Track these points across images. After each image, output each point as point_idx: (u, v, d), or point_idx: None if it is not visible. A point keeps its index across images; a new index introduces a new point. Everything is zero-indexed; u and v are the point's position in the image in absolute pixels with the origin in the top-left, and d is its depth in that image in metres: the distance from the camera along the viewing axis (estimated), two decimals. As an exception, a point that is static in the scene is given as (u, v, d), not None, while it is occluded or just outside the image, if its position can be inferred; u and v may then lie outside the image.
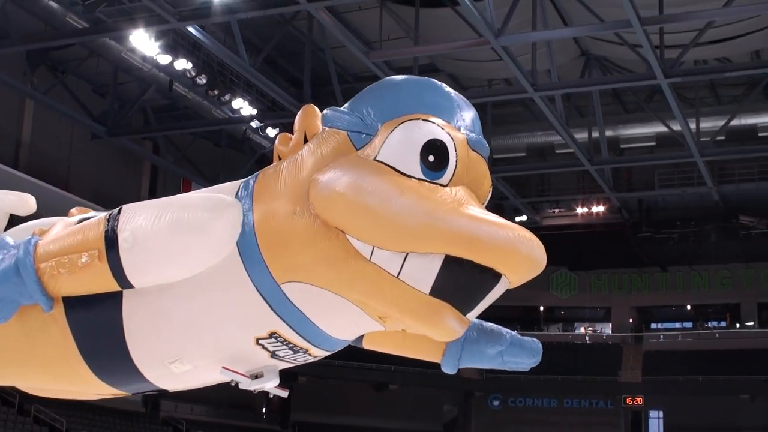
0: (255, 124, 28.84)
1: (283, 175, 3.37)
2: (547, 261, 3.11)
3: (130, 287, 3.43)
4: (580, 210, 39.65)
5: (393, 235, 3.03)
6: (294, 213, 3.22)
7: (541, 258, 3.05)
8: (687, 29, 24.42)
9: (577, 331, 47.18)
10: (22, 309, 3.53)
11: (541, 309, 45.92)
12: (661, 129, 30.52)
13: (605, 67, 29.57)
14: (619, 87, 30.16)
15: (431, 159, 3.15)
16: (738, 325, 43.46)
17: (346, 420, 41.20)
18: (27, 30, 24.38)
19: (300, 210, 3.20)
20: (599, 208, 39.26)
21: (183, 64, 25.76)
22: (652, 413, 42.37)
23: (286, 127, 30.18)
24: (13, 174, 25.28)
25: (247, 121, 28.62)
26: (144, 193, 33.23)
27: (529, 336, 4.03)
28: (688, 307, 45.50)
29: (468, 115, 3.39)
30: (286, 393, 3.78)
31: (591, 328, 47.02)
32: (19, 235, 3.90)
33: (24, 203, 4.52)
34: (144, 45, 24.12)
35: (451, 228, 2.97)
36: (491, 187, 3.40)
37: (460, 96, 3.42)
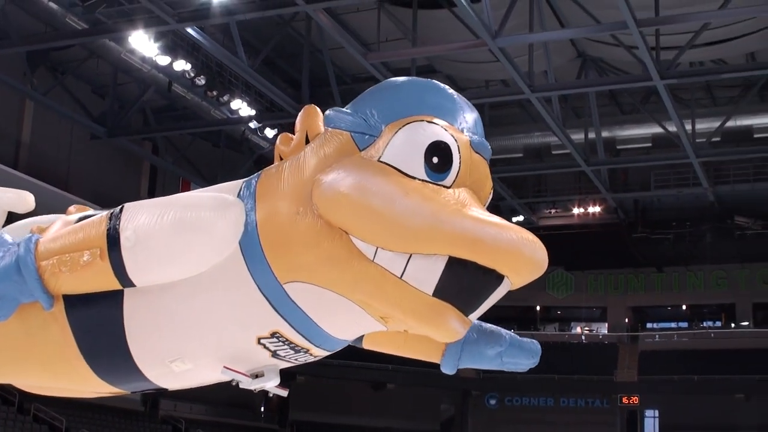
0: (253, 124, 28.76)
1: (286, 175, 3.35)
2: (544, 261, 3.09)
3: (132, 286, 3.42)
4: (577, 210, 39.66)
5: (397, 236, 3.02)
6: (297, 213, 3.20)
7: (543, 260, 3.07)
8: (683, 31, 24.39)
9: (573, 331, 46.96)
10: (21, 307, 3.52)
11: (538, 309, 45.69)
12: (657, 130, 30.47)
13: (601, 68, 29.54)
14: (616, 88, 30.28)
15: (435, 161, 3.14)
16: (733, 325, 43.34)
17: (344, 419, 41.08)
18: (27, 31, 24.36)
19: (303, 210, 3.19)
20: (595, 209, 39.31)
21: (182, 65, 25.67)
22: (648, 412, 42.15)
23: (284, 128, 30.28)
24: (12, 174, 25.20)
25: (245, 121, 28.56)
26: (143, 193, 33.08)
27: (525, 336, 4.02)
28: (684, 307, 45.35)
29: (470, 116, 3.38)
30: (286, 392, 3.77)
31: (587, 328, 46.86)
32: (16, 233, 3.88)
33: (22, 201, 4.51)
34: (143, 46, 24.07)
35: (455, 229, 2.97)
36: (492, 189, 3.40)
37: (462, 98, 3.42)
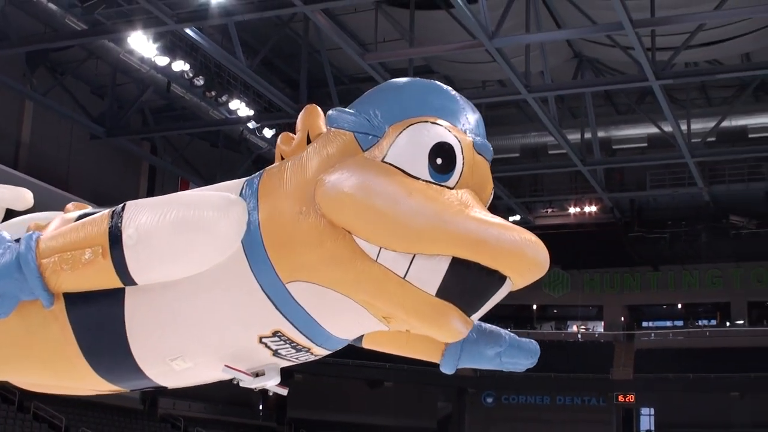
0: (252, 124, 28.75)
1: (288, 174, 3.34)
2: (541, 260, 3.09)
3: (133, 284, 3.40)
4: (573, 210, 39.60)
5: (401, 237, 3.02)
6: (300, 213, 3.19)
7: (546, 261, 3.07)
8: (678, 32, 24.43)
9: (569, 330, 47.07)
10: (21, 304, 3.50)
11: (534, 307, 45.73)
12: (653, 130, 30.55)
13: (598, 68, 29.56)
14: (612, 89, 30.23)
15: (439, 162, 3.14)
16: (728, 323, 43.49)
17: (341, 417, 41.13)
18: (26, 32, 24.37)
19: (306, 210, 3.18)
20: (592, 208, 39.26)
21: (181, 66, 25.59)
22: (644, 410, 42.33)
23: (282, 128, 30.30)
24: (12, 174, 25.16)
25: (243, 121, 28.56)
26: (142, 193, 32.98)
27: (522, 334, 4.07)
28: (679, 305, 45.47)
29: (473, 117, 3.37)
30: (286, 391, 3.76)
31: (583, 327, 46.93)
32: (13, 229, 3.84)
33: (21, 198, 4.49)
34: (142, 47, 24.02)
35: (459, 230, 2.97)
36: (493, 190, 3.41)
37: (464, 99, 3.41)
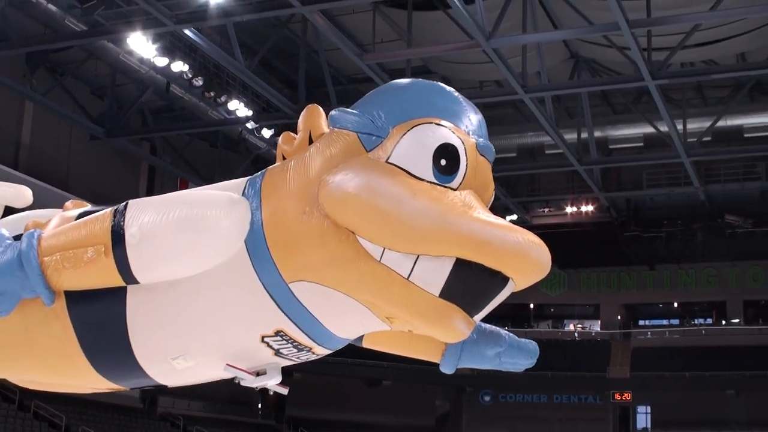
0: (250, 125, 28.82)
1: (291, 174, 3.32)
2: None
3: (135, 283, 3.38)
4: (570, 209, 39.65)
5: (405, 237, 3.02)
6: (303, 213, 3.18)
7: (548, 262, 3.06)
8: (674, 32, 24.51)
9: (566, 328, 47.09)
10: (22, 302, 3.47)
11: (532, 306, 45.77)
12: (649, 130, 30.67)
13: (594, 69, 29.70)
14: (608, 89, 30.44)
15: (443, 163, 3.15)
16: (724, 322, 43.52)
17: (340, 415, 41.26)
18: (26, 33, 24.47)
19: (309, 210, 3.17)
20: (588, 208, 39.32)
21: (180, 67, 25.67)
22: (640, 408, 42.43)
23: (281, 128, 30.35)
24: (12, 175, 25.13)
25: (242, 122, 28.61)
26: (141, 193, 32.95)
27: (519, 333, 4.10)
28: (675, 304, 45.58)
29: (475, 118, 3.38)
30: (287, 390, 3.75)
31: (580, 325, 46.98)
32: (10, 227, 3.83)
33: (21, 195, 4.48)
34: (141, 47, 24.07)
35: (463, 232, 2.98)
36: (494, 191, 3.41)
37: (467, 100, 3.42)
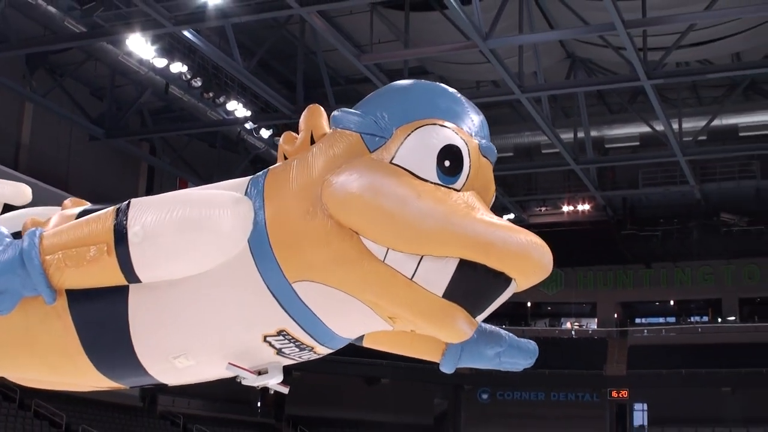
0: (249, 125, 28.89)
1: (294, 174, 3.32)
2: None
3: (138, 282, 3.38)
4: (566, 208, 39.66)
5: (409, 238, 3.02)
6: (307, 212, 3.18)
7: (550, 264, 3.07)
8: (669, 32, 24.60)
9: (563, 326, 46.96)
10: (23, 300, 3.46)
11: (529, 305, 45.71)
12: (645, 129, 30.77)
13: (590, 69, 29.75)
14: (604, 88, 30.40)
15: (447, 164, 3.16)
16: (720, 319, 43.49)
17: (339, 413, 41.34)
18: (26, 34, 24.55)
19: (313, 210, 3.17)
20: (585, 207, 39.35)
21: (178, 68, 25.73)
22: (637, 406, 42.37)
23: (279, 129, 30.39)
24: (13, 175, 25.11)
25: (241, 122, 28.65)
26: (141, 193, 32.84)
27: (516, 331, 4.17)
28: (672, 302, 45.56)
29: (477, 119, 3.39)
30: (287, 389, 3.74)
31: (577, 323, 46.87)
32: (7, 224, 3.84)
33: (20, 193, 4.47)
34: (140, 49, 24.11)
35: (467, 233, 2.99)
36: (495, 192, 3.43)
37: (469, 101, 3.42)
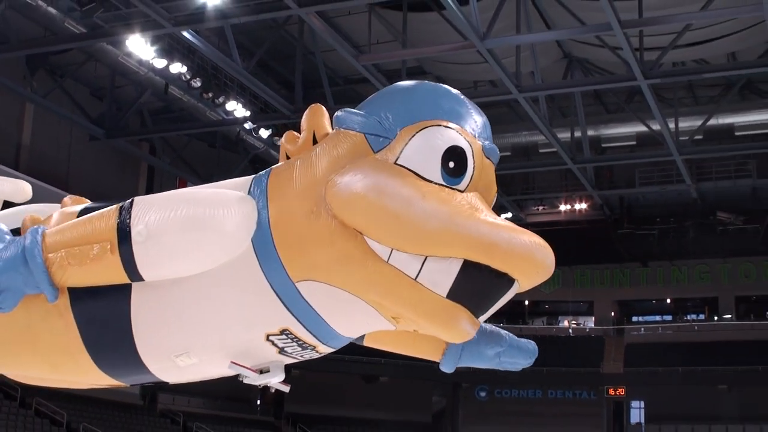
0: (248, 125, 28.87)
1: (298, 173, 3.32)
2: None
3: (141, 280, 3.38)
4: (564, 207, 39.60)
5: (414, 239, 3.03)
6: (311, 212, 3.18)
7: (552, 265, 3.10)
8: (666, 32, 24.61)
9: (560, 325, 46.91)
10: (25, 298, 3.47)
11: (526, 303, 45.61)
12: (641, 128, 30.82)
13: (587, 68, 29.77)
14: (601, 88, 30.43)
15: (451, 165, 3.17)
16: (716, 317, 43.54)
17: (338, 411, 41.43)
18: (26, 35, 24.61)
19: (317, 209, 3.17)
20: (582, 206, 39.33)
21: (178, 68, 25.73)
22: (634, 403, 42.39)
23: (278, 129, 30.45)
24: (13, 175, 25.14)
25: (240, 122, 28.62)
26: (141, 192, 31.82)
27: (513, 329, 4.44)
28: (668, 300, 45.57)
29: (480, 121, 3.39)
30: (288, 388, 3.75)
31: (574, 322, 46.83)
32: (6, 221, 3.86)
33: (20, 190, 4.47)
34: (140, 49, 24.11)
35: (472, 234, 3.00)
36: (496, 193, 3.44)
37: (471, 102, 3.43)
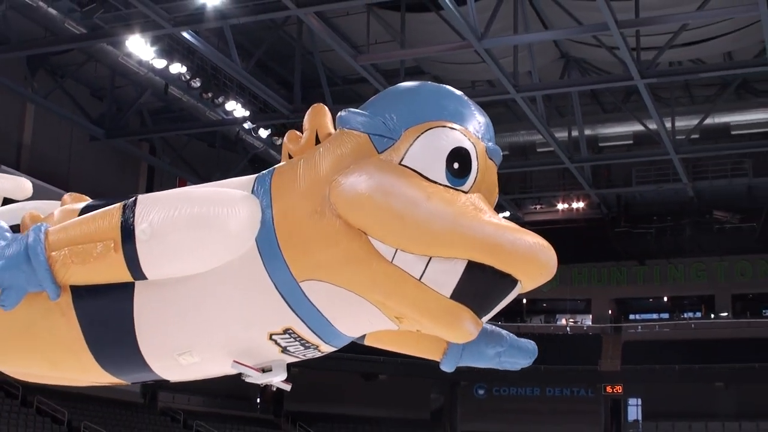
0: (247, 125, 28.94)
1: (302, 173, 3.31)
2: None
3: (144, 279, 3.37)
4: (561, 206, 39.77)
5: (419, 240, 3.03)
6: (315, 212, 3.18)
7: (555, 266, 3.11)
8: (662, 32, 24.68)
9: (558, 323, 47.04)
10: (27, 296, 3.46)
11: (524, 301, 45.41)
12: (638, 128, 30.90)
13: (584, 68, 29.88)
14: (598, 88, 30.54)
15: (456, 166, 3.17)
16: (713, 315, 43.66)
17: (337, 409, 41.53)
18: (27, 36, 24.65)
19: (321, 209, 3.17)
20: (579, 204, 39.50)
21: (178, 68, 25.83)
22: (631, 401, 42.56)
23: (278, 128, 30.54)
24: (14, 175, 25.67)
25: (239, 122, 28.70)
26: (141, 192, 32.54)
27: (511, 328, 4.52)
28: (665, 298, 45.60)
29: (484, 122, 3.39)
30: (289, 386, 3.74)
31: (572, 320, 46.90)
32: (4, 217, 3.85)
33: (20, 188, 4.46)
34: (140, 50, 24.20)
35: (477, 235, 3.00)
36: (498, 194, 3.45)
37: (474, 103, 3.42)
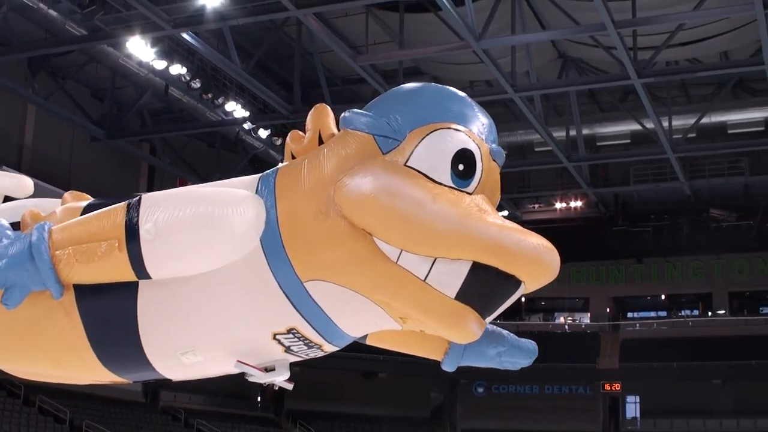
0: (247, 125, 28.98)
1: (306, 173, 3.30)
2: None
3: (148, 278, 3.37)
4: (559, 205, 39.86)
5: (424, 241, 3.03)
6: (320, 212, 3.17)
7: (558, 267, 3.09)
8: (659, 32, 24.79)
9: (557, 321, 47.17)
10: (30, 295, 3.44)
11: (523, 300, 43.64)
12: (636, 127, 30.94)
13: (581, 68, 29.90)
14: (595, 87, 30.49)
15: (461, 168, 3.17)
16: (710, 313, 43.62)
17: (337, 407, 41.50)
18: (28, 37, 24.71)
19: (325, 210, 3.16)
20: (577, 203, 39.57)
21: (178, 69, 25.85)
22: (629, 398, 42.55)
23: (277, 129, 30.62)
24: (15, 176, 25.79)
25: (239, 123, 28.73)
26: (142, 192, 33.03)
27: (510, 326, 4.63)
28: (663, 296, 45.65)
29: (487, 123, 3.41)
30: (292, 385, 3.72)
31: (570, 318, 47.03)
32: (4, 215, 3.84)
33: (22, 186, 4.44)
34: (140, 51, 24.22)
35: (482, 236, 3.01)
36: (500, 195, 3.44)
37: (478, 104, 3.44)
